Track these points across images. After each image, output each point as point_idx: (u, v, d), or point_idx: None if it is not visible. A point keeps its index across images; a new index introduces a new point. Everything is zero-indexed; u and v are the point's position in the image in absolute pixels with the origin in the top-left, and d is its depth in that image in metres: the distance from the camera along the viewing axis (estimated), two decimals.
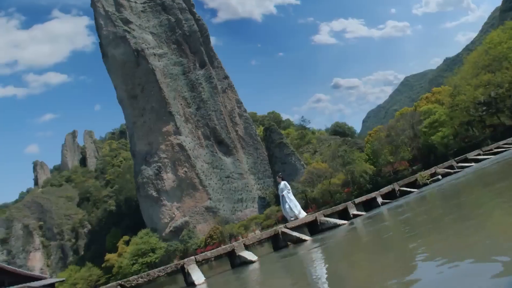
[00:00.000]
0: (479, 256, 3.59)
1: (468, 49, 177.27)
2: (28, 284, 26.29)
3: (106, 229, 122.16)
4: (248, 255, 11.08)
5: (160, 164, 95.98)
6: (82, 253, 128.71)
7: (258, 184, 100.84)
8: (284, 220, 74.69)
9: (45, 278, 34.00)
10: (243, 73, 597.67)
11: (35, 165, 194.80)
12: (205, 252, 12.30)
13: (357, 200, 15.88)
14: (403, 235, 7.16)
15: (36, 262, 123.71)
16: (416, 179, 18.87)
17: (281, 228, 12.98)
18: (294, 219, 15.02)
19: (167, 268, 10.83)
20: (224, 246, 12.07)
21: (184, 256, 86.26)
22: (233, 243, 12.19)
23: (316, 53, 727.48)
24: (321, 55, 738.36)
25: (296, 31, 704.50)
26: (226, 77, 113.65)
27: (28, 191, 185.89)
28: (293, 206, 15.36)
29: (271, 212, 79.28)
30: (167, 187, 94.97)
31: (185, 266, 10.66)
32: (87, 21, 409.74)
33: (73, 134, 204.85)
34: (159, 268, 10.63)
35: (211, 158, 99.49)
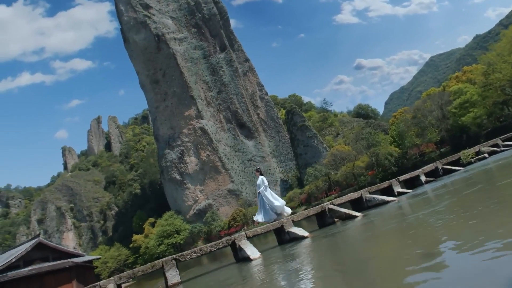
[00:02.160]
0: None
1: (502, 24, 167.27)
2: (71, 259, 27.84)
3: (132, 211, 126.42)
4: (299, 231, 11.08)
5: (183, 148, 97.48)
6: (111, 234, 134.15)
7: (280, 167, 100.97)
8: (306, 201, 74.63)
9: (83, 255, 35.77)
10: (264, 55, 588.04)
11: (64, 150, 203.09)
12: (255, 228, 12.44)
13: (401, 178, 15.49)
14: (452, 215, 6.86)
15: (69, 241, 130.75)
16: (460, 158, 18.25)
17: (327, 204, 12.87)
18: (273, 220, 12.48)
19: (219, 243, 11.05)
20: (273, 222, 12.15)
21: (208, 237, 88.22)
22: (281, 220, 12.24)
23: (338, 34, 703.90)
24: (343, 36, 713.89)
25: (318, 11, 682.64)
26: (247, 60, 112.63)
27: (59, 175, 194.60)
28: (273, 205, 12.64)
29: (294, 195, 79.48)
30: (190, 171, 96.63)
31: (236, 241, 10.81)
32: (108, 6, 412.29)
33: (98, 120, 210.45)
34: (211, 244, 10.86)
35: (233, 141, 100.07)
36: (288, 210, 13.17)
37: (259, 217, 12.83)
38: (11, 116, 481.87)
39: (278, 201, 12.95)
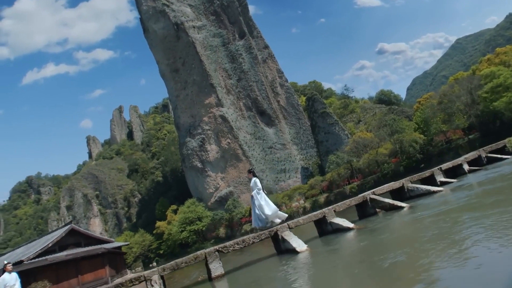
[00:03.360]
0: None
1: None
2: (103, 245, 28.85)
3: (154, 199, 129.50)
4: (343, 221, 10.78)
5: (203, 136, 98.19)
6: (135, 220, 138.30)
7: (301, 154, 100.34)
8: (328, 189, 73.99)
9: (112, 241, 36.93)
10: (284, 42, 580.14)
11: (88, 139, 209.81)
12: (297, 219, 12.23)
13: (444, 167, 14.80)
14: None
15: (96, 227, 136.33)
16: (505, 145, 17.31)
17: (369, 194, 12.47)
18: (268, 225, 11.68)
19: (261, 235, 10.89)
20: (314, 213, 11.90)
21: (230, 224, 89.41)
22: (323, 210, 11.96)
23: (360, 17, 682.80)
24: (365, 19, 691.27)
25: None
26: (266, 47, 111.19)
27: (84, 163, 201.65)
28: (263, 211, 11.82)
29: (315, 182, 79.00)
30: (211, 158, 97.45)
31: (278, 232, 10.64)
32: None
33: (120, 110, 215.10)
34: (253, 235, 10.74)
35: (253, 129, 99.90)
36: (282, 216, 12.38)
37: (253, 222, 12.15)
38: (39, 107, 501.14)
39: (269, 208, 12.05)
